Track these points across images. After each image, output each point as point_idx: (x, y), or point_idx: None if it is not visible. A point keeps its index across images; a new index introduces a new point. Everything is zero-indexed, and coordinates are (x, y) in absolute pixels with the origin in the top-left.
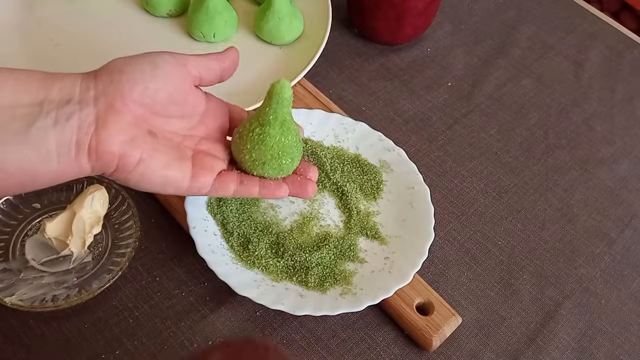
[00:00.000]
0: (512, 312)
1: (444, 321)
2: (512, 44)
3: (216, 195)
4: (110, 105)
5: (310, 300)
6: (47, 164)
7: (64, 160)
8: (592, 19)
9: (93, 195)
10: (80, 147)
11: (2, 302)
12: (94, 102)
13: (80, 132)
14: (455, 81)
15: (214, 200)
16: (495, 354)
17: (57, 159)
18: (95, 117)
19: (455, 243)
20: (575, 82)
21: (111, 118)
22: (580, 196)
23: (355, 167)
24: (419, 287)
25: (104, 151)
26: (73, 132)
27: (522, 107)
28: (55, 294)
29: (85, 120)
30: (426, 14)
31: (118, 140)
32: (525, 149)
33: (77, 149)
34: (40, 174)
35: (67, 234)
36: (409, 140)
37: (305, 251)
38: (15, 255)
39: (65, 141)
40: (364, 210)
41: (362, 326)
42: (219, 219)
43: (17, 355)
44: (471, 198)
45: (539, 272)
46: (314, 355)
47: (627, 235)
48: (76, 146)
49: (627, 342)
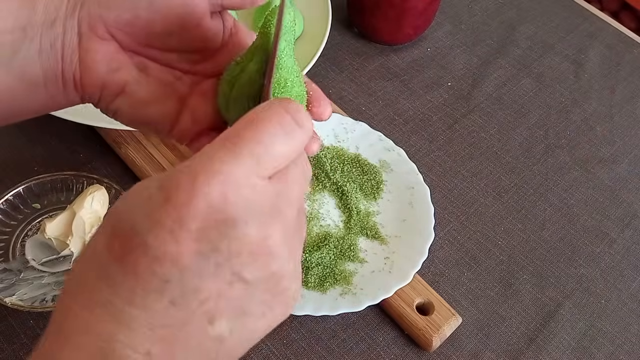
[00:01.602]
0: (512, 312)
1: (444, 321)
2: (512, 43)
3: None
4: (93, 31)
5: (310, 300)
6: (35, 93)
7: (52, 90)
8: (592, 18)
9: (93, 195)
10: (65, 79)
11: (2, 302)
12: (78, 25)
13: (64, 61)
14: (455, 81)
15: None
16: (495, 354)
17: (44, 89)
18: (77, 43)
19: (455, 243)
20: (575, 82)
21: (93, 46)
22: (580, 196)
23: (355, 167)
24: (419, 287)
25: (85, 83)
26: (57, 61)
27: (522, 107)
28: (55, 294)
29: (69, 46)
30: (426, 14)
31: (100, 71)
32: (525, 149)
33: (63, 80)
34: (29, 102)
35: (67, 234)
36: (409, 140)
37: (305, 251)
38: (15, 255)
39: (52, 70)
40: (364, 210)
41: (362, 326)
42: None
43: (17, 355)
44: (471, 198)
45: (539, 272)
46: (314, 355)
47: (627, 235)
48: (62, 76)
49: (627, 342)
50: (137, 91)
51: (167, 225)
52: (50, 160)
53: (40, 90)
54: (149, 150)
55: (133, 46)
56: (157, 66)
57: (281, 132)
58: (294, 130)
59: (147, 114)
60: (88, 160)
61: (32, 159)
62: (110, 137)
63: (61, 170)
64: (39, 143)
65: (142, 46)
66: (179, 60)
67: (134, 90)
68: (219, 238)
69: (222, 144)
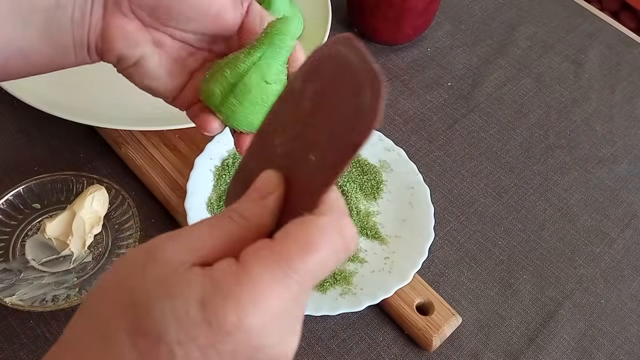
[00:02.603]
0: (512, 312)
1: (444, 321)
2: (512, 44)
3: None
4: (117, 6)
5: (310, 300)
6: (66, 56)
7: (79, 55)
8: (592, 18)
9: (93, 195)
10: (90, 46)
11: (2, 302)
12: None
13: (90, 29)
14: (455, 81)
15: (214, 200)
16: (495, 354)
17: (74, 54)
18: (102, 15)
19: (455, 243)
20: (575, 82)
21: (115, 21)
22: (580, 196)
23: (355, 167)
24: (419, 287)
25: (104, 52)
26: (85, 30)
27: (522, 107)
28: (55, 294)
29: (95, 16)
30: (426, 14)
31: (118, 45)
32: (525, 149)
33: (88, 46)
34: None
35: (67, 234)
36: (409, 140)
37: None
38: (15, 255)
39: (80, 38)
40: (364, 210)
41: (362, 326)
42: None
43: (17, 355)
44: (471, 198)
45: (539, 272)
46: (314, 355)
47: (627, 235)
48: (87, 44)
49: (627, 342)
50: (150, 66)
51: (200, 344)
52: (50, 160)
53: (70, 54)
54: (149, 150)
55: (153, 24)
56: (173, 42)
57: (330, 260)
58: (340, 256)
59: (156, 85)
60: (88, 160)
61: (32, 159)
62: (110, 137)
63: (61, 170)
64: (39, 143)
65: (162, 25)
66: (196, 40)
67: (147, 64)
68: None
69: (271, 267)
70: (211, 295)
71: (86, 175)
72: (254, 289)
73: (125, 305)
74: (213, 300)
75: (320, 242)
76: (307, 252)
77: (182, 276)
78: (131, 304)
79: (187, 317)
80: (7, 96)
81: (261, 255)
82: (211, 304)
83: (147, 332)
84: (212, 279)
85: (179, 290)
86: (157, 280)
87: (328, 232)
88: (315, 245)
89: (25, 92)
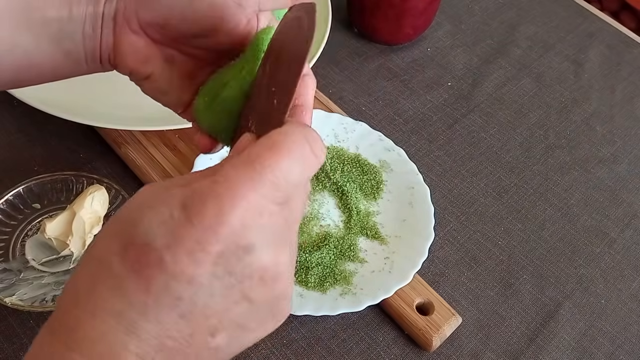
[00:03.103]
0: (512, 312)
1: (444, 321)
2: (512, 43)
3: None
4: (127, 22)
5: (310, 300)
6: (78, 67)
7: (91, 65)
8: (592, 18)
9: (93, 195)
10: (102, 57)
11: (2, 302)
12: (115, 12)
13: (102, 42)
14: (455, 81)
15: None
16: (495, 354)
17: (86, 65)
18: (113, 29)
19: (455, 243)
20: (575, 82)
21: (125, 38)
22: (580, 196)
23: (355, 167)
24: (419, 287)
25: (117, 65)
26: (97, 43)
27: (522, 107)
28: (55, 294)
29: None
30: (426, 14)
31: (128, 60)
32: (525, 148)
33: (101, 58)
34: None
35: (67, 234)
36: (409, 140)
37: (305, 251)
38: (15, 255)
39: (91, 50)
40: (364, 210)
41: (362, 326)
42: None
43: (17, 355)
44: (471, 198)
45: (539, 272)
46: (314, 355)
47: (627, 235)
48: (100, 55)
49: (627, 342)
50: (160, 82)
51: (187, 246)
52: (50, 160)
53: (82, 65)
54: (149, 150)
55: (164, 41)
56: (183, 57)
57: (300, 161)
58: (311, 161)
59: (166, 98)
60: (88, 160)
61: (32, 159)
62: (110, 137)
63: (61, 170)
64: (39, 143)
65: (172, 42)
66: (207, 54)
67: (157, 80)
68: (235, 262)
69: (245, 167)
70: (191, 198)
71: (86, 175)
72: (230, 186)
73: (116, 232)
74: (193, 202)
75: (286, 141)
76: (275, 151)
77: (164, 192)
78: (120, 228)
79: (172, 220)
80: (7, 96)
81: (234, 161)
82: (192, 204)
83: (135, 242)
84: (191, 187)
85: (162, 200)
86: (142, 201)
87: (294, 134)
88: (282, 144)
89: (25, 92)
